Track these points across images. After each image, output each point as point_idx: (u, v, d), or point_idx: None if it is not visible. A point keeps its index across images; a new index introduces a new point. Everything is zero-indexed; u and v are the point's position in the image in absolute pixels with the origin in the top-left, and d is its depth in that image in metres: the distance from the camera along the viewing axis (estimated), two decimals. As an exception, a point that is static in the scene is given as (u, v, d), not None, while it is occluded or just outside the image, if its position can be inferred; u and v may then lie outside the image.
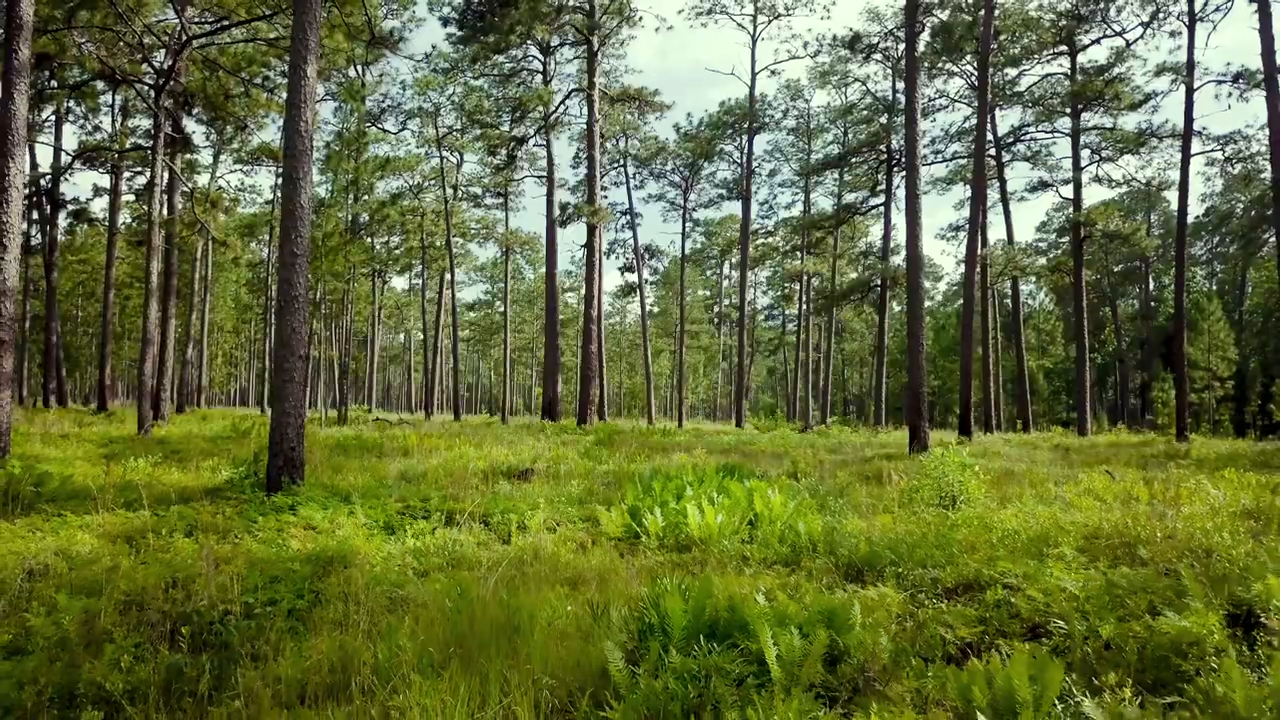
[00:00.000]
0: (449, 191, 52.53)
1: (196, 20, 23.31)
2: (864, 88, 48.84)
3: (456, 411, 50.46)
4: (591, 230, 37.29)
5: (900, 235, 47.73)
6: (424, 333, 65.87)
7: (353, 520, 8.24)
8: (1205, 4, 31.74)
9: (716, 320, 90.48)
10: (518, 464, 14.87)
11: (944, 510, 9.38)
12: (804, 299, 60.06)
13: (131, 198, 44.63)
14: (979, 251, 42.24)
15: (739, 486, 9.67)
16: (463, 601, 5.13)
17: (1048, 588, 5.53)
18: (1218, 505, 9.95)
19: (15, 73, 13.72)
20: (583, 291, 46.04)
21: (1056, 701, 3.69)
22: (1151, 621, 4.63)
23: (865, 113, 49.08)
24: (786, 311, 78.45)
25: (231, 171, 51.68)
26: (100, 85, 27.15)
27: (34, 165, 40.31)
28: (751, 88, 45.98)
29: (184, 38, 21.56)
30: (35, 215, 41.38)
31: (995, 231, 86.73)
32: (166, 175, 25.43)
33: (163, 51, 23.22)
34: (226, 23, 22.36)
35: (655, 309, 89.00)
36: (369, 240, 48.04)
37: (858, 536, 7.83)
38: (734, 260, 78.08)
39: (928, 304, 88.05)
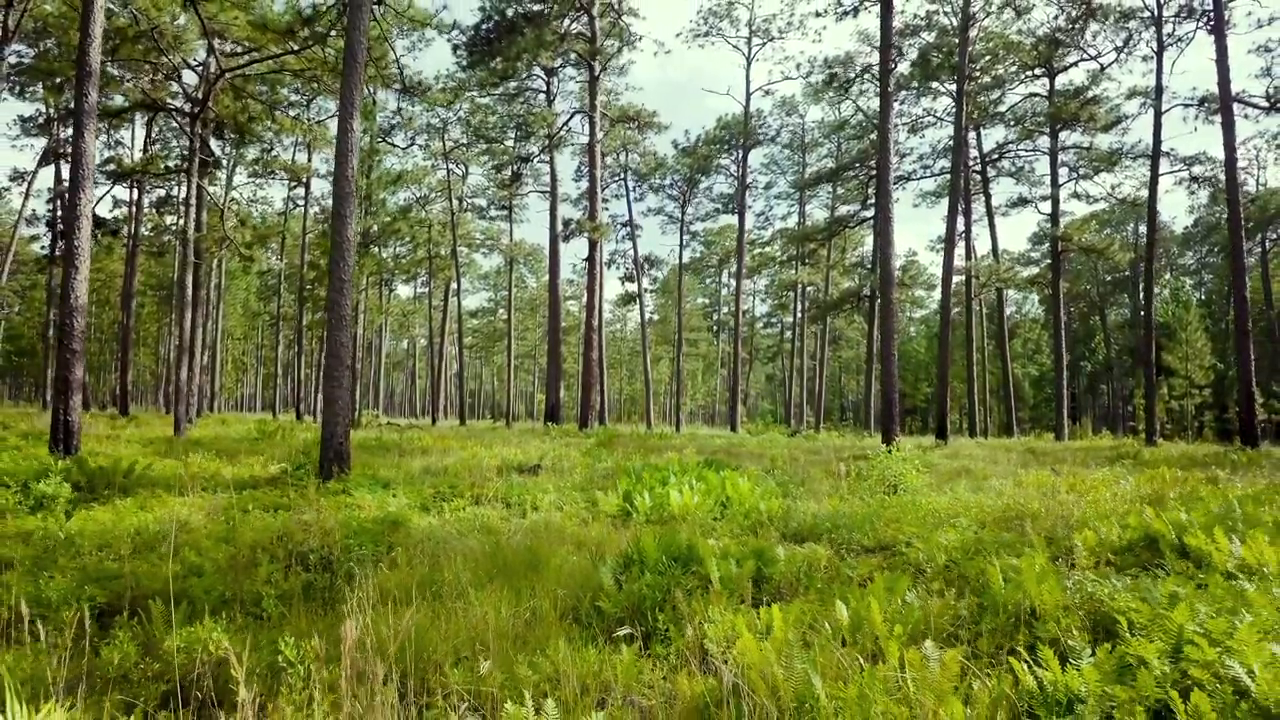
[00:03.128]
0: (455, 204, 54.51)
1: (228, 53, 25.27)
2: (855, 105, 50.82)
3: (462, 416, 52.34)
4: (593, 244, 39.19)
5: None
6: (429, 339, 67.82)
7: (396, 501, 10.12)
8: (1171, 32, 33.72)
9: (715, 328, 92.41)
10: (526, 461, 16.73)
11: (885, 496, 11.24)
12: (799, 308, 62.00)
13: (151, 211, 46.62)
14: (964, 264, 44.15)
15: (715, 476, 11.54)
16: (496, 548, 7.02)
17: (934, 545, 7.39)
18: (1121, 493, 11.83)
19: (86, 115, 15.62)
20: (584, 300, 47.96)
21: (903, 599, 5.55)
22: (992, 559, 6.48)
23: (856, 130, 51.03)
24: (784, 319, 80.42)
25: (245, 183, 53.66)
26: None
27: (59, 180, 42.36)
28: (746, 106, 47.96)
29: (219, 69, 23.50)
30: (59, 228, 43.34)
31: (983, 244, 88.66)
32: (195, 192, 27.34)
33: (195, 78, 25.18)
34: (257, 56, 24.32)
35: (655, 316, 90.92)
36: (378, 251, 50.01)
37: (808, 514, 9.71)
38: (732, 269, 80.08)
39: (922, 312, 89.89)
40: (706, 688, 4.04)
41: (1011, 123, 42.37)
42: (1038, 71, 40.11)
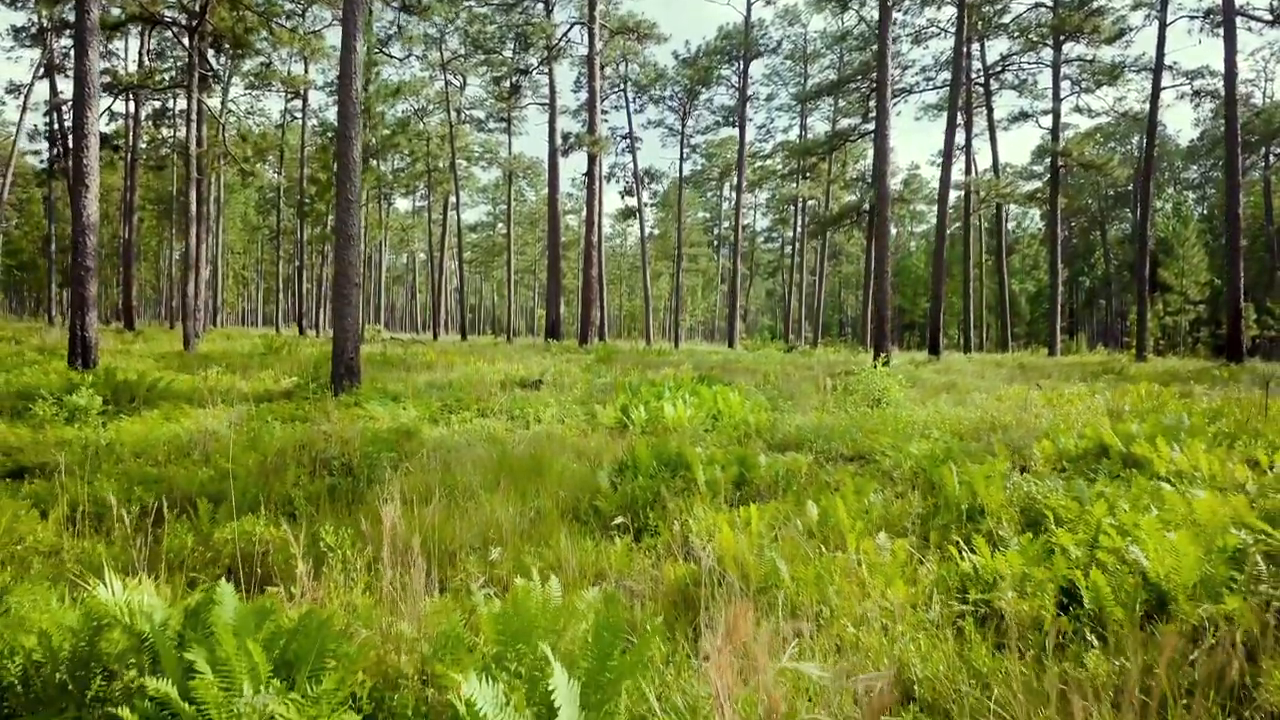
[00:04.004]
0: (453, 116, 53.99)
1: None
2: (858, 15, 49.89)
3: (463, 332, 52.90)
4: (592, 159, 39.12)
5: (892, 161, 49.44)
6: (429, 254, 67.97)
7: (406, 413, 10.73)
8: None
9: (715, 243, 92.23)
10: (528, 376, 17.34)
11: (868, 409, 11.86)
12: (799, 223, 61.95)
13: (148, 124, 46.25)
14: (964, 179, 44.09)
15: (707, 391, 12.14)
16: (502, 456, 7.63)
17: (905, 454, 8.00)
18: (1093, 407, 12.45)
19: (88, 32, 15.71)
20: (584, 215, 48.01)
21: (868, 499, 6.17)
22: (951, 465, 7.09)
23: (858, 41, 50.24)
24: (784, 234, 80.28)
25: (242, 95, 53.08)
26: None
27: (55, 92, 41.99)
28: (747, 16, 47.16)
29: (214, -18, 23.30)
30: (58, 141, 43.14)
31: (985, 158, 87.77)
32: (195, 107, 27.32)
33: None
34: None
35: (655, 231, 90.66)
36: (376, 164, 49.79)
37: (793, 426, 10.32)
38: (733, 183, 79.55)
39: (923, 227, 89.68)
40: (688, 572, 4.66)
41: (1015, 34, 41.77)
42: (1044, -19, 39.38)
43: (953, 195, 52.58)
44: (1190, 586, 3.92)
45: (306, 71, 49.11)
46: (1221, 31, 28.94)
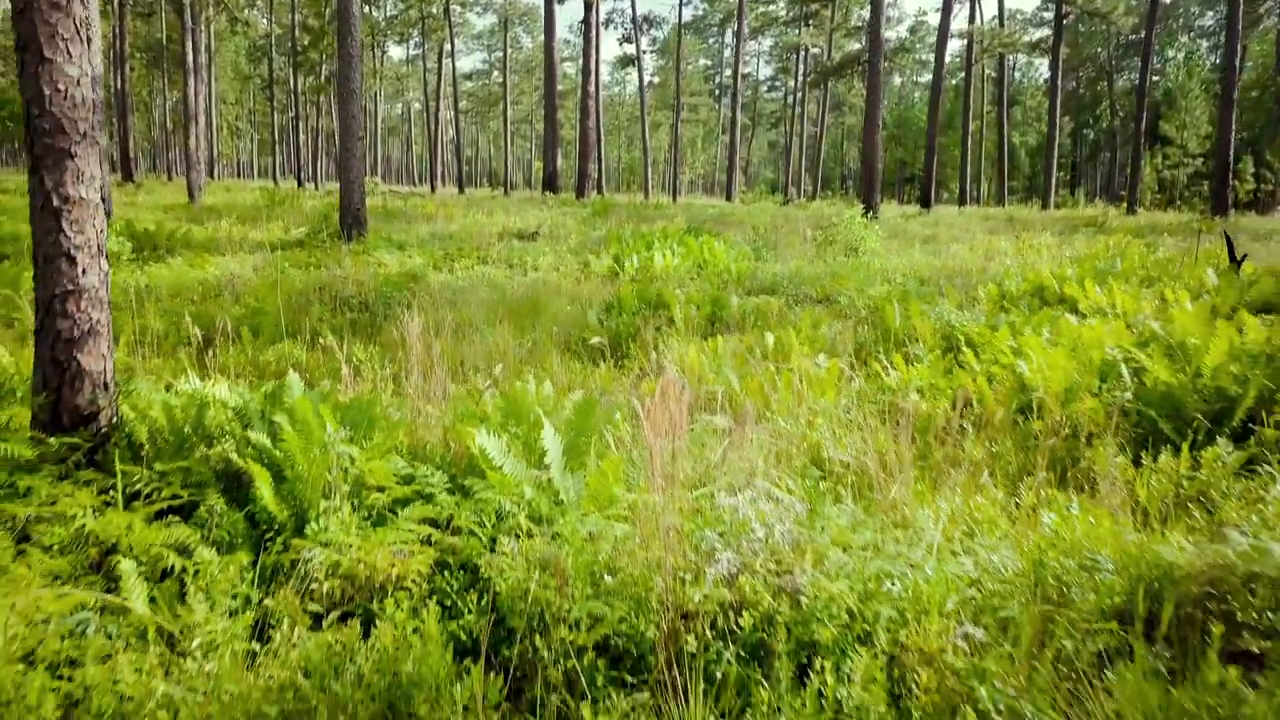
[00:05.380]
0: (445, -42, 52.18)
1: None
2: None
3: (460, 185, 52.88)
4: (589, 5, 38.27)
5: (896, 9, 48.16)
6: (424, 103, 66.84)
7: (412, 260, 11.54)
8: None
9: (716, 92, 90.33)
10: (525, 228, 18.02)
11: (845, 259, 12.66)
12: (800, 73, 60.71)
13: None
14: (968, 27, 43.15)
15: (694, 242, 12.90)
16: (502, 297, 8.50)
17: (865, 295, 8.86)
18: (1060, 256, 13.24)
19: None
20: (580, 64, 47.17)
21: (818, 329, 7.07)
22: (898, 303, 7.97)
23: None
24: (787, 84, 78.57)
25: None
26: None
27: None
28: None
29: None
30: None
31: (990, 7, 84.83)
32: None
33: None
34: None
35: (654, 80, 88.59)
36: (369, 10, 48.54)
37: (771, 273, 11.16)
38: (735, 29, 77.21)
39: (927, 77, 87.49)
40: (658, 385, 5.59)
41: None
42: None
43: (956, 45, 51.38)
44: (1061, 392, 4.85)
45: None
46: None
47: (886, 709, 2.30)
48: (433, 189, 52.85)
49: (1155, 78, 72.90)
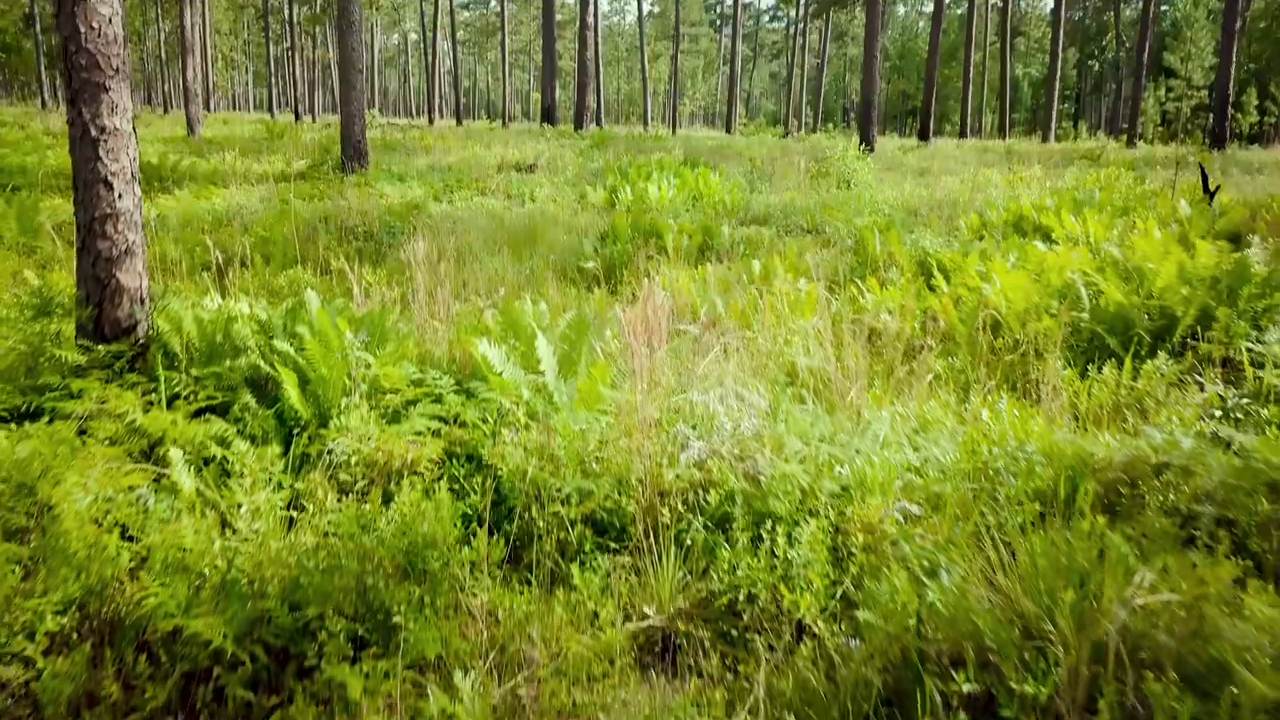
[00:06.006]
0: (440, -117, 50.98)
1: None
2: None
3: (458, 117, 52.49)
4: (586, -68, 37.58)
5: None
6: (421, 33, 65.89)
7: (413, 191, 11.81)
8: None
9: (718, 22, 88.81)
10: (523, 160, 18.19)
11: (837, 191, 12.91)
12: (803, 2, 59.71)
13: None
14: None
15: (690, 173, 13.14)
16: (501, 227, 8.83)
17: (851, 225, 9.16)
18: (1049, 188, 13.49)
19: None
20: (579, -6, 46.39)
21: (808, 256, 7.40)
22: (880, 232, 8.30)
23: None
24: (789, 13, 77.22)
25: None
26: None
27: None
28: None
29: None
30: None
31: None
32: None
33: None
34: None
35: (654, 9, 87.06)
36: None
37: (764, 204, 11.43)
38: (736, -43, 75.54)
39: (929, 7, 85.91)
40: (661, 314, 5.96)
41: None
42: None
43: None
44: (1021, 313, 5.23)
45: None
46: None
47: (827, 565, 2.72)
48: (430, 121, 52.45)
49: (1163, 7, 71.62)
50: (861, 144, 22.39)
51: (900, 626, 2.35)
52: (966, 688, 2.12)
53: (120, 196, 3.79)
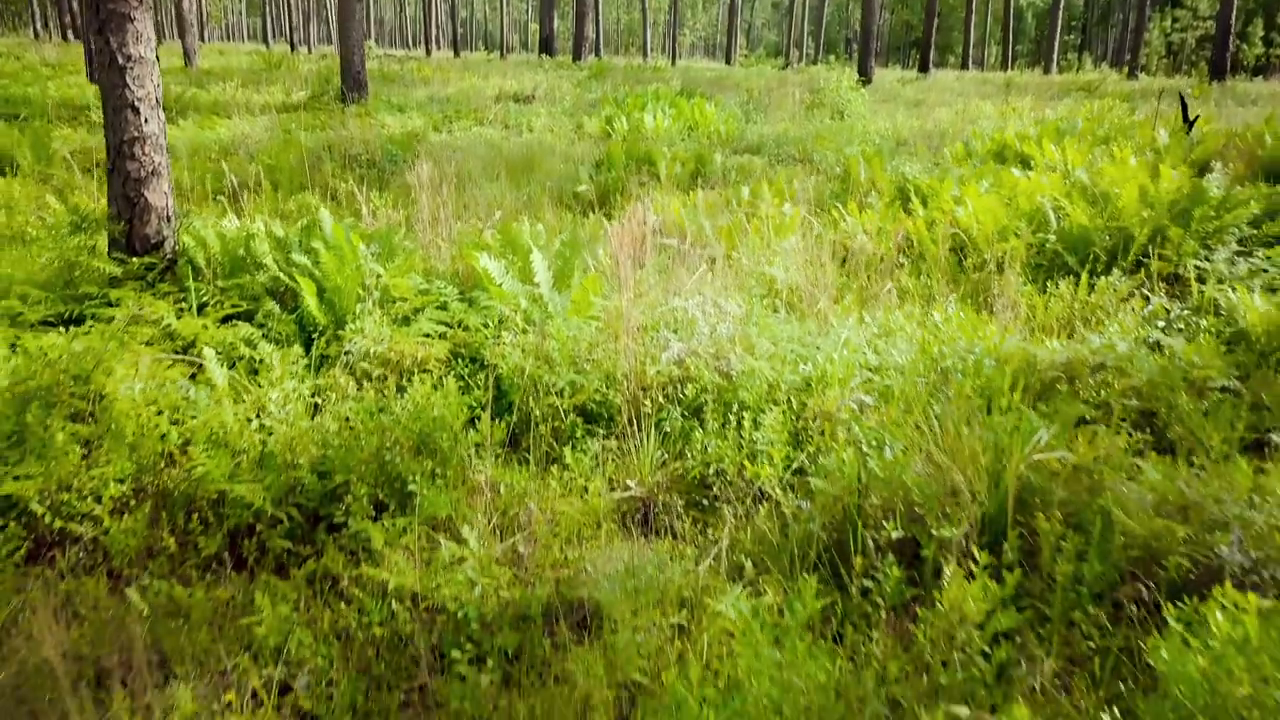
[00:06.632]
0: None
1: None
2: None
3: (455, 48, 51.78)
4: None
5: None
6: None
7: (413, 121, 12.00)
8: None
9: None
10: (521, 91, 18.25)
11: (830, 121, 13.08)
12: (805, -72, 58.41)
13: None
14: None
15: (685, 104, 13.29)
16: (499, 155, 9.08)
17: (839, 155, 9.40)
18: (1038, 118, 13.64)
19: None
20: (577, -80, 45.41)
21: (795, 182, 7.69)
22: (865, 161, 8.55)
23: None
24: (791, -60, 75.45)
25: None
26: None
27: None
28: None
29: None
30: None
31: None
32: None
33: None
34: None
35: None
36: None
37: (758, 134, 11.64)
38: (738, -119, 73.50)
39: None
40: (642, 232, 6.27)
41: None
42: None
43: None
44: (990, 234, 5.55)
45: None
46: None
47: (787, 446, 3.10)
48: (428, 52, 51.78)
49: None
50: (859, 76, 22.35)
51: (844, 489, 2.74)
52: (895, 534, 2.51)
53: (146, 121, 4.09)
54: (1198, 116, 9.03)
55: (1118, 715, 1.85)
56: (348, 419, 3.14)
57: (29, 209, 6.26)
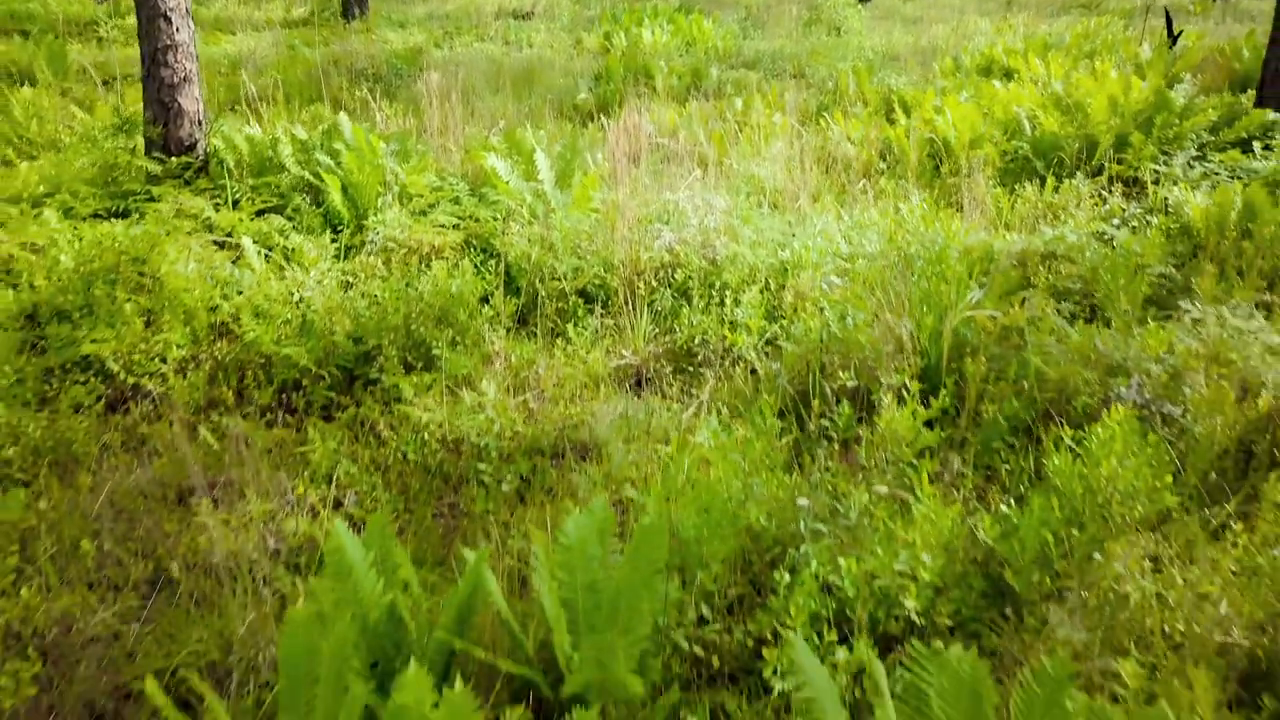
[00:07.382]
0: None
1: None
2: None
3: (452, -37, 50.83)
4: None
5: None
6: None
7: (414, 38, 12.14)
8: None
9: None
10: (520, 7, 18.19)
11: (826, 37, 13.18)
12: None
13: None
14: None
15: (684, 19, 13.37)
16: (500, 70, 9.31)
17: (832, 69, 9.61)
18: (1032, 34, 13.69)
19: None
20: None
21: (787, 95, 7.96)
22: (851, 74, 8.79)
23: None
24: None
25: None
26: None
27: None
28: None
29: None
30: None
31: None
32: None
33: None
34: None
35: None
36: None
37: (754, 50, 11.79)
38: None
39: None
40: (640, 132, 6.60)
41: None
42: None
43: None
44: (967, 142, 5.88)
45: None
46: None
47: (763, 319, 3.53)
48: (423, -32, 50.79)
49: None
50: (860, -9, 22.19)
51: (809, 349, 3.17)
52: (849, 383, 2.95)
53: (178, 30, 4.42)
54: (1181, 31, 9.22)
55: (1011, 503, 2.30)
56: (376, 296, 3.56)
57: (56, 119, 6.57)
